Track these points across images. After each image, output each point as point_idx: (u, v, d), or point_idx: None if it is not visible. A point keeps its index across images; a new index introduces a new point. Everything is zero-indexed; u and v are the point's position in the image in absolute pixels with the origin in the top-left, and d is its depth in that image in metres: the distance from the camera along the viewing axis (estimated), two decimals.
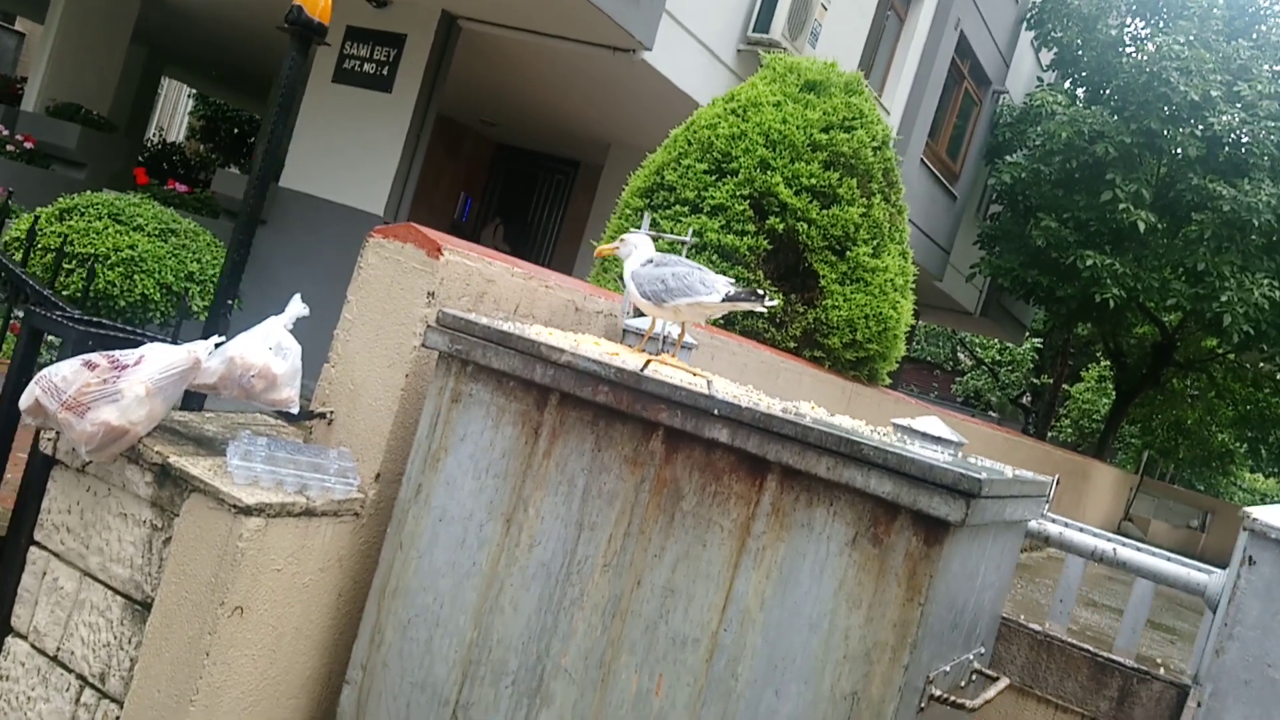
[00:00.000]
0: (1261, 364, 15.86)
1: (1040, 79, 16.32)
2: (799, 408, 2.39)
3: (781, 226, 4.65)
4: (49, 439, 2.59)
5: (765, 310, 2.52)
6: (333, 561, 2.50)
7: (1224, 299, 12.39)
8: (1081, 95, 15.10)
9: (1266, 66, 13.43)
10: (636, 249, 2.63)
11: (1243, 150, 12.82)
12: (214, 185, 9.78)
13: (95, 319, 2.79)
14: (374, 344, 2.59)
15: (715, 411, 2.04)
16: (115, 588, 2.47)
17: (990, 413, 24.71)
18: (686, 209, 4.73)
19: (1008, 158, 15.10)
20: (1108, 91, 14.32)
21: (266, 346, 2.53)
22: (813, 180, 4.68)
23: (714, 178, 4.76)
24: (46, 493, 2.63)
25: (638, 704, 2.09)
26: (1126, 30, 14.88)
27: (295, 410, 2.54)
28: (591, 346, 2.45)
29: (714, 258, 4.60)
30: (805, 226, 4.64)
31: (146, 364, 2.43)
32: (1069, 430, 22.48)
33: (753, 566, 2.01)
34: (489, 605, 2.28)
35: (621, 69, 8.95)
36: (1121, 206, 12.77)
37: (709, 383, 2.15)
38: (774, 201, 4.65)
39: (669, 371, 2.28)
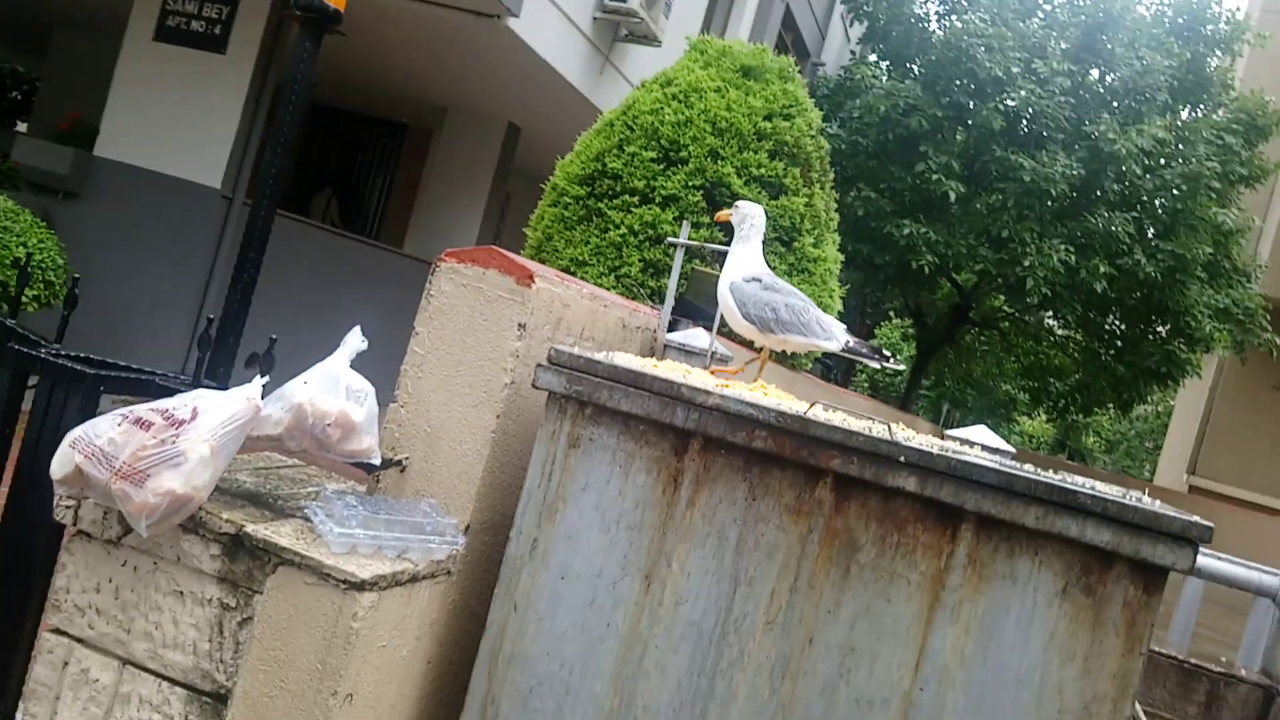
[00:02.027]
0: (1048, 321, 17.23)
1: (853, 52, 16.93)
2: (892, 429, 2.32)
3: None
4: (67, 506, 2.19)
5: (879, 367, 2.44)
6: (426, 628, 2.25)
7: (1026, 263, 13.30)
8: (887, 68, 15.75)
9: (1055, 44, 14.43)
10: (752, 228, 2.47)
11: (1039, 124, 13.75)
12: (16, 155, 8.65)
13: (98, 358, 2.37)
14: (454, 381, 2.33)
15: (902, 458, 1.95)
16: (173, 678, 2.12)
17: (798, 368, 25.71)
18: (636, 199, 4.56)
19: (827, 129, 15.59)
20: (917, 66, 15.00)
21: (339, 389, 2.22)
22: (761, 170, 4.63)
23: (663, 167, 4.61)
24: (61, 568, 2.23)
25: None
26: (930, 7, 15.63)
27: (378, 460, 2.25)
28: (705, 378, 2.30)
29: (670, 250, 4.48)
30: None
31: (204, 417, 2.08)
32: (864, 385, 23.75)
33: (949, 622, 1.94)
34: (630, 670, 2.11)
35: (480, 33, 8.56)
36: (934, 177, 13.45)
37: (888, 426, 2.06)
38: (725, 192, 4.56)
39: (805, 408, 2.16)
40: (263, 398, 2.17)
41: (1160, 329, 15.24)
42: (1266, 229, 18.00)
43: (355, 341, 2.32)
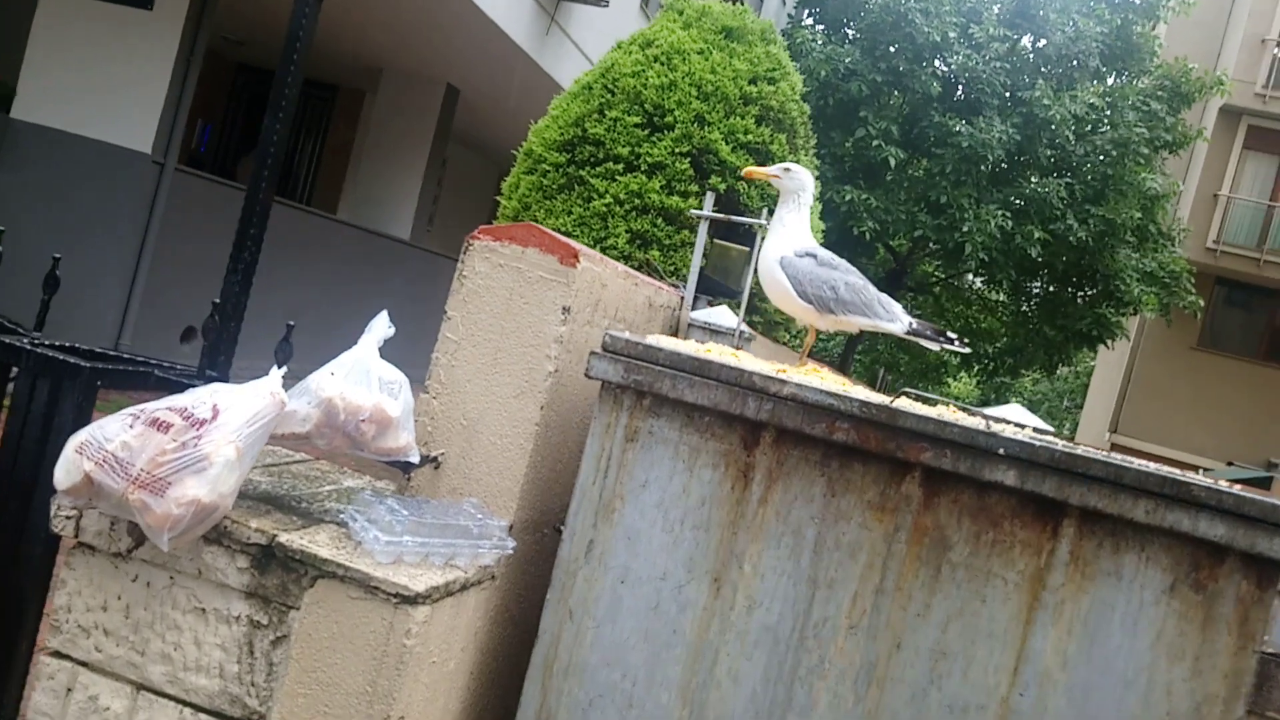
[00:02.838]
0: (978, 285, 17.46)
1: (790, 16, 16.80)
2: (988, 419, 2.20)
3: (723, 186, 4.41)
4: (67, 516, 1.95)
5: (939, 349, 2.32)
6: (470, 638, 2.08)
7: (964, 229, 13.41)
8: (824, 32, 15.66)
9: (990, 9, 14.48)
10: (802, 196, 2.32)
11: (975, 90, 13.82)
12: None
13: (87, 348, 2.13)
14: (492, 370, 2.14)
15: (1001, 451, 1.83)
16: (197, 703, 1.92)
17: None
18: (620, 167, 4.37)
19: None
20: (854, 30, 14.94)
21: (371, 381, 2.02)
22: (748, 136, 4.47)
23: (647, 132, 4.42)
24: (60, 585, 1.99)
25: None
26: None
27: (416, 458, 2.06)
28: (764, 366, 2.15)
29: (658, 221, 4.31)
30: (746, 186, 4.43)
31: (227, 415, 1.87)
32: (795, 347, 23.88)
33: (1050, 622, 1.83)
34: (700, 679, 1.97)
35: None
36: (875, 143, 13.44)
37: (985, 420, 1.93)
38: (713, 159, 4.40)
39: (855, 393, 2.03)
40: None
41: (1089, 292, 15.55)
42: (1185, 194, 18.47)
43: (382, 328, 2.11)
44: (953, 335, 2.30)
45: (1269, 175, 18.32)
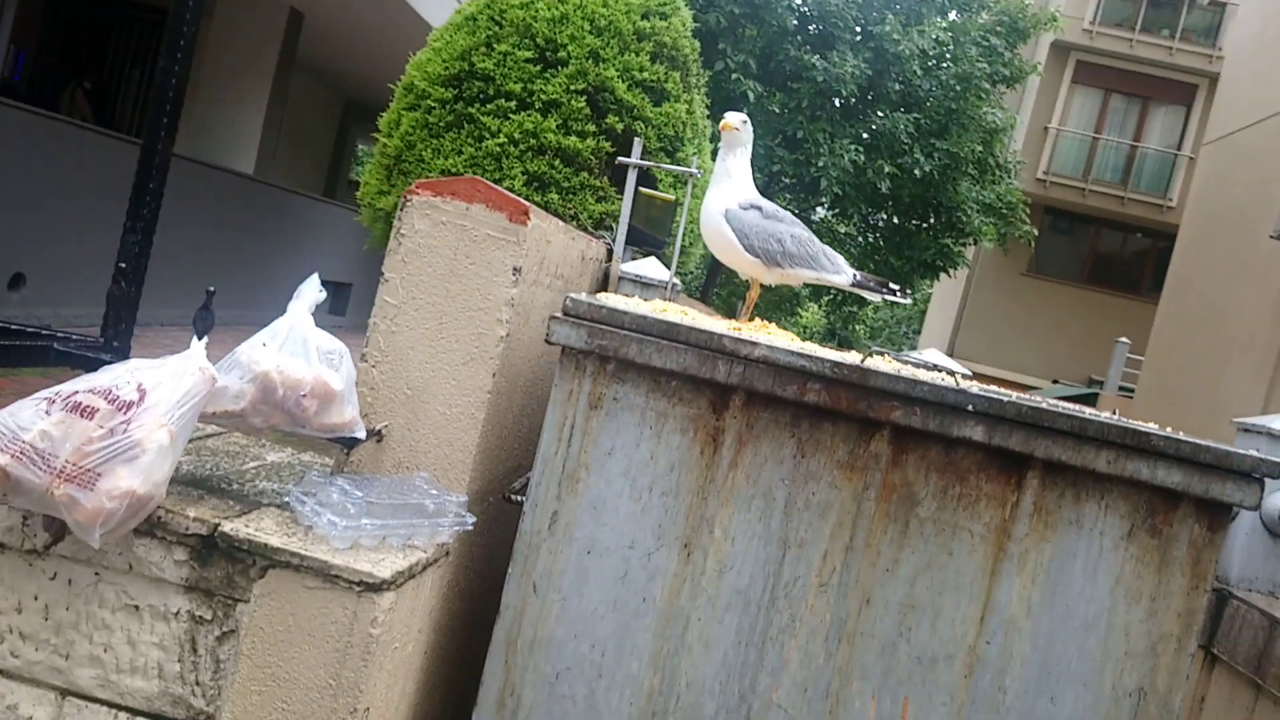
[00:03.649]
0: (829, 219, 17.85)
1: None
2: (923, 356, 2.23)
3: (620, 126, 4.30)
4: None
5: (883, 300, 2.31)
6: (426, 617, 1.98)
7: (820, 164, 13.64)
8: None
9: None
10: (746, 143, 2.26)
11: (829, 24, 13.97)
12: None
13: None
14: (437, 335, 2.01)
15: (970, 407, 1.84)
16: (134, 707, 1.77)
17: None
18: (513, 104, 4.19)
19: None
20: None
21: (309, 352, 1.86)
22: (644, 74, 4.35)
23: (539, 68, 4.25)
24: None
25: None
26: None
27: (362, 433, 1.92)
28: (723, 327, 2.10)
29: (555, 162, 4.17)
30: (643, 126, 4.33)
31: (155, 396, 1.70)
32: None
33: (1015, 572, 1.87)
34: (671, 645, 1.94)
35: None
36: (734, 76, 13.45)
37: (951, 372, 1.93)
38: (609, 98, 4.27)
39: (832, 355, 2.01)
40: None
41: (933, 224, 16.12)
42: (1018, 127, 19.29)
43: (313, 292, 1.95)
44: (894, 286, 2.31)
45: (1094, 108, 19.30)
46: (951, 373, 2.60)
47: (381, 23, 9.78)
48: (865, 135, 14.02)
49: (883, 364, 1.99)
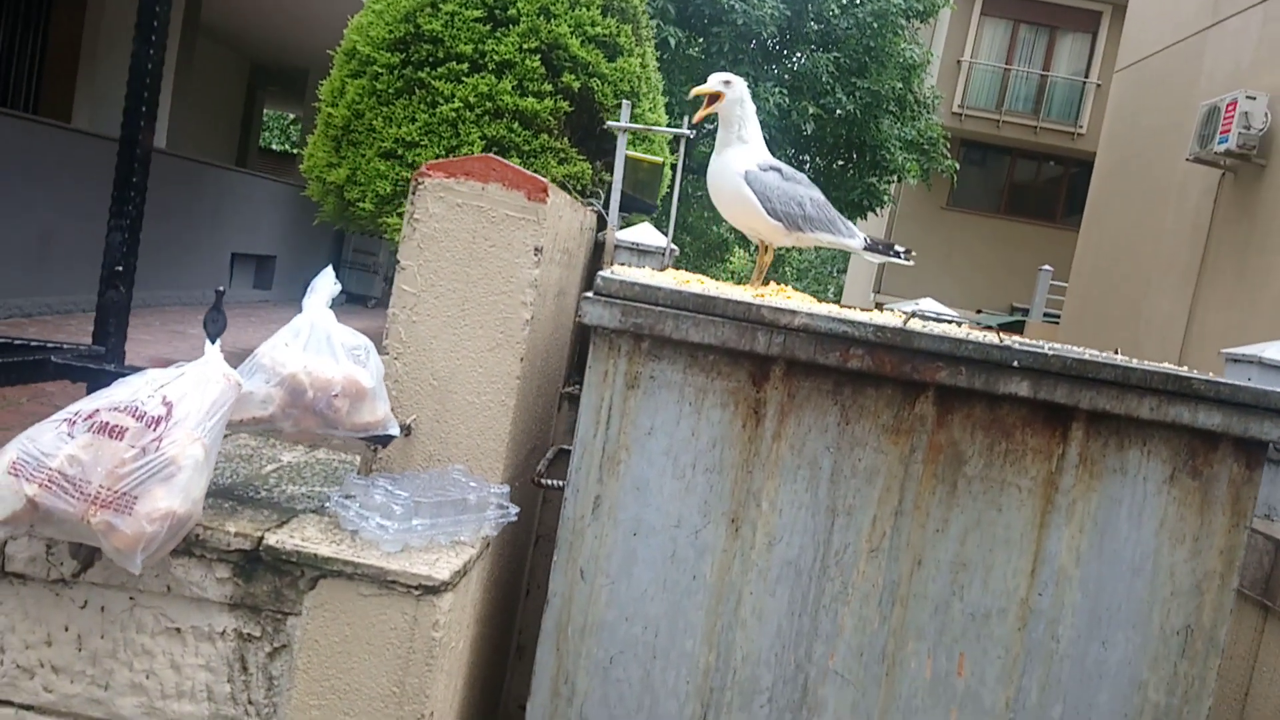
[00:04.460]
0: None
1: None
2: (919, 307, 2.22)
3: (577, 85, 4.20)
4: None
5: (887, 261, 2.29)
6: (471, 611, 1.93)
7: None
8: None
9: None
10: (744, 102, 2.21)
11: None
12: None
13: None
14: (460, 322, 1.94)
15: (1015, 364, 1.83)
16: None
17: None
18: (465, 66, 4.07)
19: None
20: None
21: (334, 350, 1.78)
22: (597, 29, 4.26)
23: (490, 28, 4.13)
24: None
25: (936, 689, 1.92)
26: None
27: (396, 430, 1.84)
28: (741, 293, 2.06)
29: (514, 125, 4.07)
30: (599, 83, 4.24)
31: (183, 409, 1.60)
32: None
33: (1064, 523, 1.88)
34: (725, 622, 1.92)
35: None
36: (653, 21, 13.27)
37: (996, 330, 1.92)
38: (564, 55, 4.16)
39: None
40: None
41: (858, 164, 16.22)
42: (933, 62, 19.45)
43: (328, 286, 1.86)
44: (900, 249, 2.29)
45: (1004, 39, 19.55)
46: (954, 321, 2.61)
47: None
48: (787, 77, 13.98)
49: (893, 319, 1.97)
